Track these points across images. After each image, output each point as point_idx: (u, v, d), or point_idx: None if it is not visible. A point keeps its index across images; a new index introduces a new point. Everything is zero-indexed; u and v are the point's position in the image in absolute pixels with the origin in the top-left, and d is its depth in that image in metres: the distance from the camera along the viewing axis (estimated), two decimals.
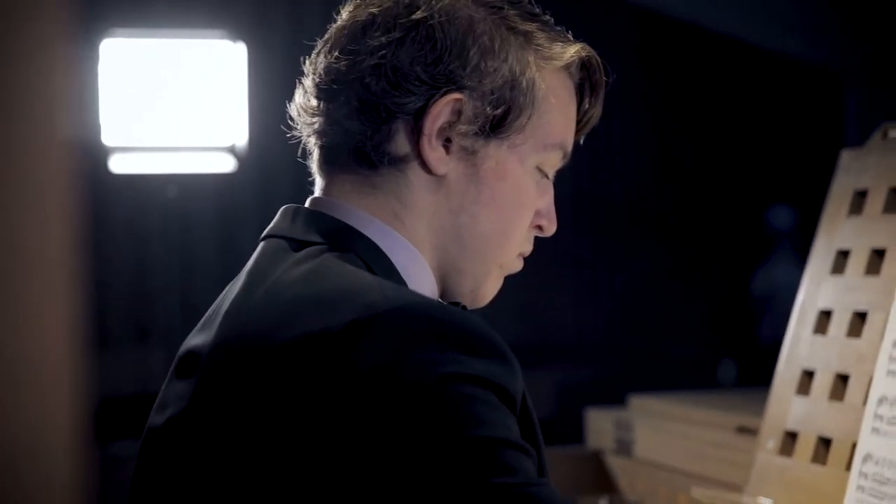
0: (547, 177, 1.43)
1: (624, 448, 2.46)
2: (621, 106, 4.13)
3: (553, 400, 4.14)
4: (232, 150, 4.12)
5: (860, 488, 1.64)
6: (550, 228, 1.45)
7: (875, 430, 1.65)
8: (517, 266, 1.45)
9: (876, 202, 1.85)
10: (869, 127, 1.94)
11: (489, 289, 1.43)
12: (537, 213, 1.43)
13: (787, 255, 4.97)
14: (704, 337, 4.60)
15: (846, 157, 1.93)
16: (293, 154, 1.45)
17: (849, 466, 1.68)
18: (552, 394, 4.18)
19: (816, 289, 1.90)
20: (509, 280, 1.45)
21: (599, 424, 2.56)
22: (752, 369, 4.37)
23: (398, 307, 1.20)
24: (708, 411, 2.31)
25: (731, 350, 4.57)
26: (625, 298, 4.48)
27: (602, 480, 2.51)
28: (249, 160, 4.08)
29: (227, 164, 4.17)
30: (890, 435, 1.62)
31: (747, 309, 4.75)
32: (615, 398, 2.70)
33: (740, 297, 4.73)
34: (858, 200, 1.89)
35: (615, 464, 2.49)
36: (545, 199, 1.44)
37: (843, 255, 1.88)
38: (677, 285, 4.55)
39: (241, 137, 4.08)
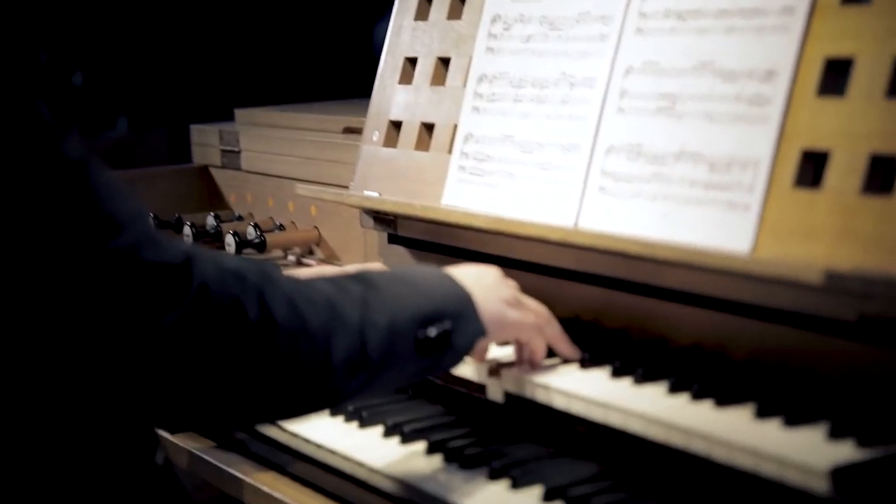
0: None
1: (231, 161, 2.36)
2: None
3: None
4: None
5: (461, 168, 1.62)
6: None
7: (475, 109, 1.63)
8: None
9: None
10: None
11: None
12: None
13: None
14: (331, 87, 4.55)
15: None
16: None
17: (451, 150, 1.66)
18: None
19: None
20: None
21: (204, 139, 2.44)
22: None
23: None
24: (314, 116, 2.25)
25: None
26: (249, 50, 4.34)
27: (211, 196, 2.41)
28: None
29: None
30: (489, 112, 1.60)
31: (372, 59, 4.75)
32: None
33: (365, 46, 4.70)
34: None
35: (223, 178, 2.39)
36: None
37: None
38: (302, 36, 4.44)
39: None
